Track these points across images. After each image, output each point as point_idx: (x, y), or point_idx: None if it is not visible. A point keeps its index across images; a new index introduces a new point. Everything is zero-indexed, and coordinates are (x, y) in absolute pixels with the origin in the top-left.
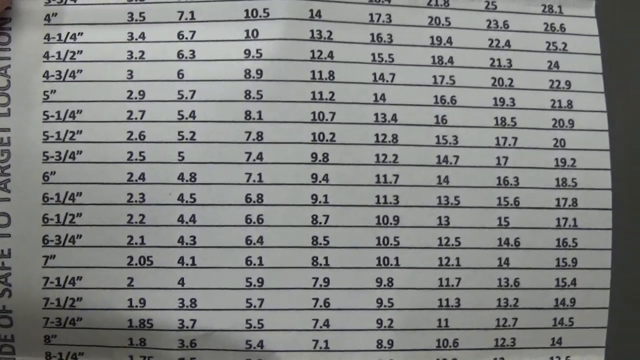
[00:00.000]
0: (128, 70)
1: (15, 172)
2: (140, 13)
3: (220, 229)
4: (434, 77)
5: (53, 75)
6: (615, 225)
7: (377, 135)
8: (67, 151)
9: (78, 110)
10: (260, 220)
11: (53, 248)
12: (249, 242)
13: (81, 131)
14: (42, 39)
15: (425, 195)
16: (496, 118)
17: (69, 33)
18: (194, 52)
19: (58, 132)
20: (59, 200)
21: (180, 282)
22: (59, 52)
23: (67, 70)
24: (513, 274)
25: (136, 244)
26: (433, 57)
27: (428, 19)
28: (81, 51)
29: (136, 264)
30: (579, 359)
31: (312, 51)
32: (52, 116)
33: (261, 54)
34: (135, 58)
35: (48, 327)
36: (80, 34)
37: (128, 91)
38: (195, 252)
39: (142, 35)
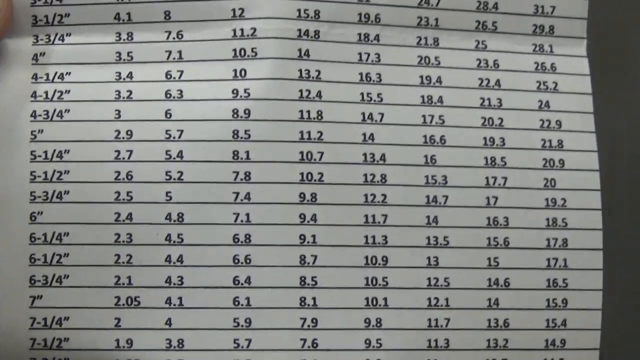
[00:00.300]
0: (116, 110)
1: (2, 212)
2: (128, 53)
3: (207, 269)
4: (424, 116)
5: (40, 115)
6: (606, 266)
7: (365, 175)
8: (54, 191)
9: (65, 150)
10: (248, 261)
11: (40, 288)
12: (236, 282)
13: (68, 171)
14: (30, 79)
15: (414, 236)
16: (486, 158)
17: (56, 73)
18: (181, 91)
19: (45, 172)
20: (45, 241)
21: (168, 322)
22: (46, 92)
23: (55, 110)
24: (503, 315)
25: (123, 284)
26: (422, 96)
27: (417, 58)
28: (69, 91)
29: (123, 304)
30: None
31: (301, 91)
32: (40, 156)
33: (249, 94)
34: (123, 98)
35: None
36: (68, 73)
37: (115, 131)
38: (182, 293)
39: (130, 75)
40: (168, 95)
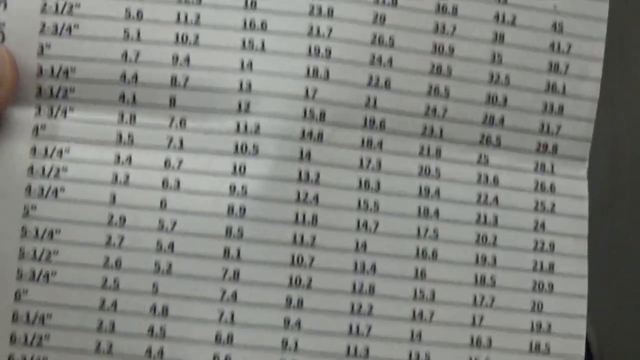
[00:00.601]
0: (111, 194)
1: None
2: (129, 135)
3: None
4: (418, 228)
5: (35, 191)
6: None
7: (354, 284)
8: (41, 271)
9: (56, 230)
10: None
11: None
12: None
13: (57, 251)
14: (29, 153)
15: (397, 350)
16: (476, 275)
17: (55, 148)
18: (179, 182)
19: (34, 251)
20: (28, 321)
21: None
22: (43, 168)
23: (50, 187)
24: None
25: None
26: (419, 207)
27: (418, 168)
28: (66, 168)
29: None
30: None
31: (298, 193)
32: (30, 233)
33: (246, 192)
34: (120, 182)
35: None
36: (67, 150)
37: (109, 215)
38: None
39: (129, 159)
40: (165, 185)
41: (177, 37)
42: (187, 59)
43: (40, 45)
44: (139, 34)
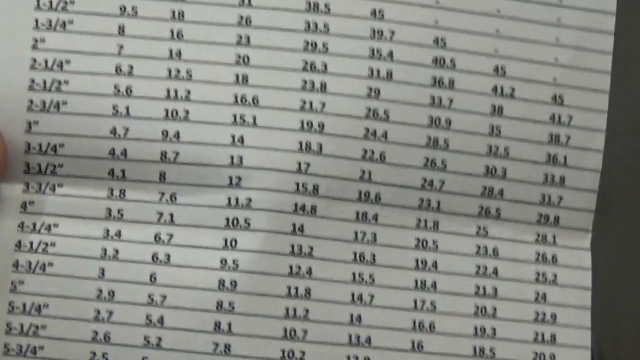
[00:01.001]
0: (100, 269)
1: None
2: (119, 210)
3: None
4: (415, 301)
5: (23, 267)
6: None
7: (348, 357)
8: (29, 345)
9: (45, 305)
10: None
11: None
12: None
13: (45, 326)
14: (16, 228)
15: None
16: (475, 348)
17: (44, 224)
18: (169, 256)
19: (22, 325)
20: None
21: None
22: (31, 243)
23: (38, 263)
24: None
25: None
26: (416, 280)
27: (415, 241)
28: (54, 244)
29: None
30: None
31: (291, 266)
32: (18, 308)
33: (237, 265)
34: (109, 257)
35: None
36: (56, 225)
37: (98, 290)
38: None
39: (119, 234)
40: (155, 259)
41: (167, 113)
42: (178, 135)
43: (28, 123)
44: (128, 110)
